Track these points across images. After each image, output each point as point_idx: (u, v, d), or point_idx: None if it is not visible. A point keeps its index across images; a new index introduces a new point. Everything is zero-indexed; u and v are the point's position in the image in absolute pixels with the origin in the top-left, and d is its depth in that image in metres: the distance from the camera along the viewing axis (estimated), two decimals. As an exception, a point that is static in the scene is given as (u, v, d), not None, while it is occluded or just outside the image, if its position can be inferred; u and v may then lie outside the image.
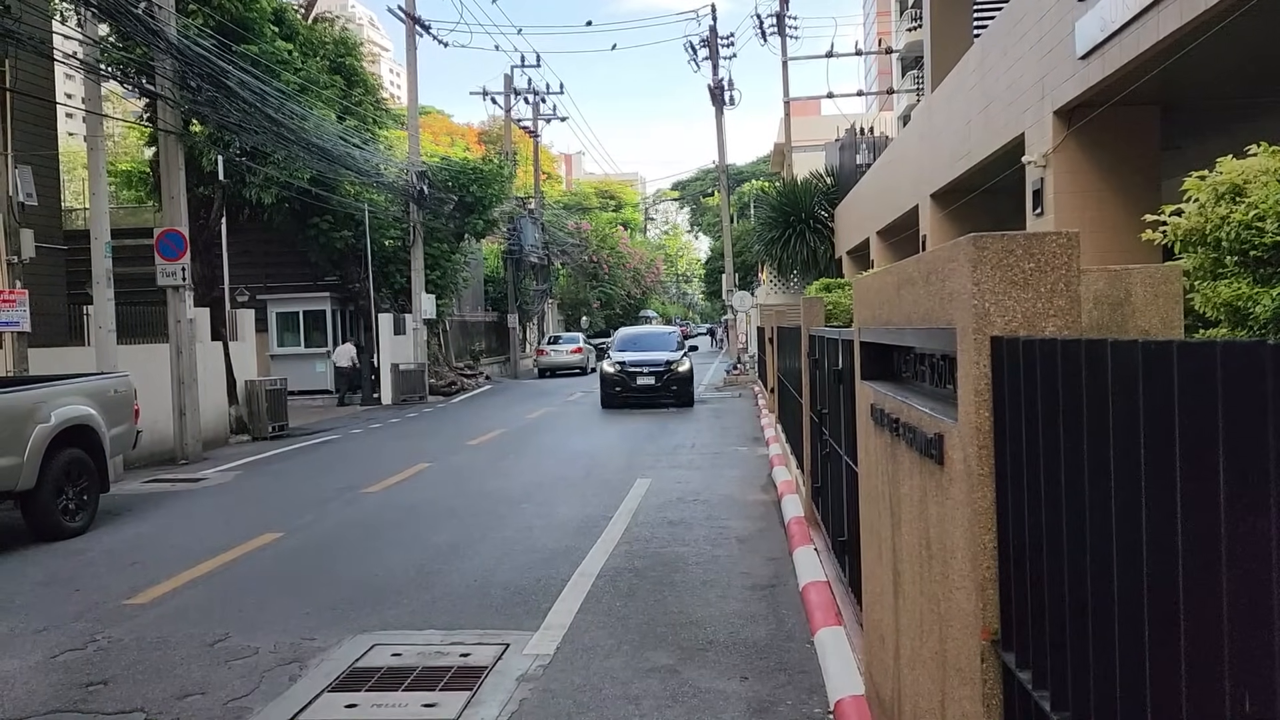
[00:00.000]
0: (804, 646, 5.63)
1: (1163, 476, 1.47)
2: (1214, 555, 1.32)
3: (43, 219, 17.52)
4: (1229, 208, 3.99)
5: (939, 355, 3.04)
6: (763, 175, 59.21)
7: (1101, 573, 1.73)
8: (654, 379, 21.00)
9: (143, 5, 14.43)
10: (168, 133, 15.32)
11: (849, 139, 29.79)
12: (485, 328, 39.39)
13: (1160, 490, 1.48)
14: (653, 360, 21.29)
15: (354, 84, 26.67)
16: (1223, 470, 1.30)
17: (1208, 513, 1.34)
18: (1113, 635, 1.68)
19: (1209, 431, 1.33)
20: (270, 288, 27.06)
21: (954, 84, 13.71)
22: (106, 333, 13.79)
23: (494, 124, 60.05)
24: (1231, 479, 1.29)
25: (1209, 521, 1.34)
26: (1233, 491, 1.29)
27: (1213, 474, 1.32)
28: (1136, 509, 1.57)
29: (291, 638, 6.05)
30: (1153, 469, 1.51)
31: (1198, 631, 1.39)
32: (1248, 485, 1.24)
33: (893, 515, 3.64)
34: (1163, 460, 1.47)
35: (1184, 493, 1.41)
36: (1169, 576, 1.46)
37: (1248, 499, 1.24)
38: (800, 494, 9.29)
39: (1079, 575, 1.85)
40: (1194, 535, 1.39)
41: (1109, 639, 1.70)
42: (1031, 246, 2.36)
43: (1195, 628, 1.39)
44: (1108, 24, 7.98)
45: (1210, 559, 1.33)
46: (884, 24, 68.15)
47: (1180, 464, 1.42)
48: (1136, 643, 1.58)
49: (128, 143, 41.16)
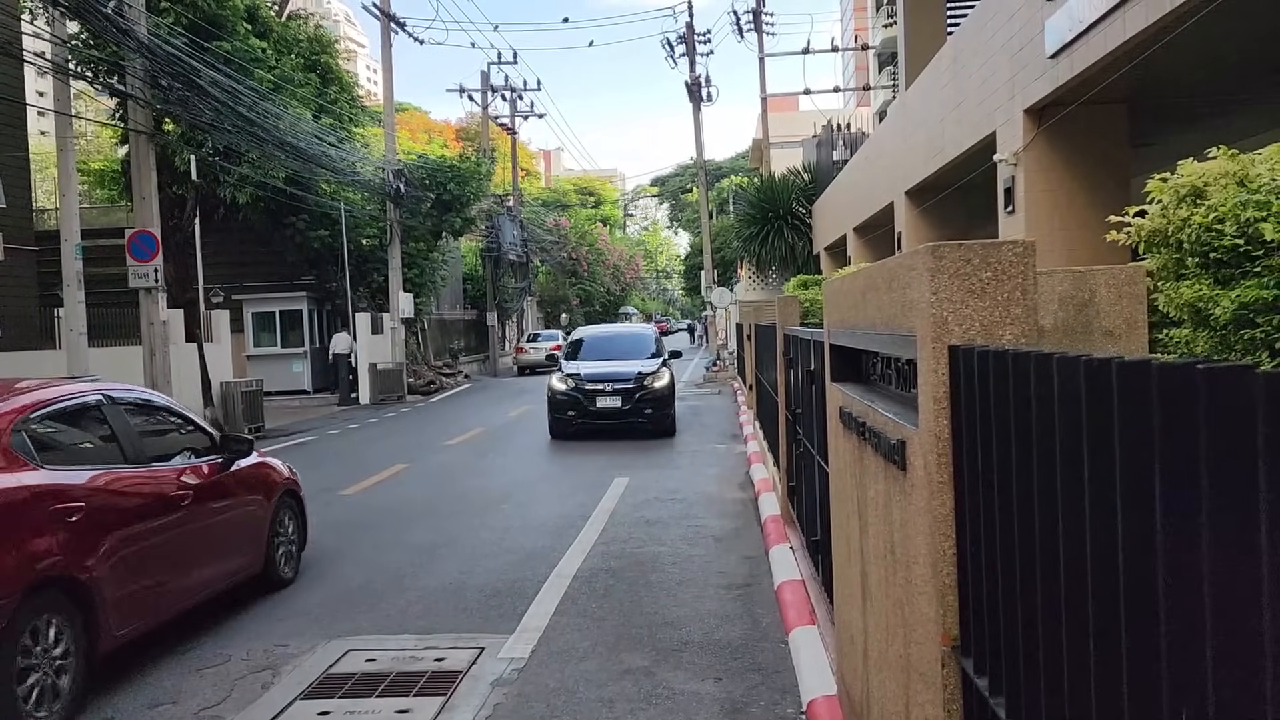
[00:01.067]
0: (778, 646, 5.66)
1: (1104, 488, 1.49)
2: (1149, 571, 1.35)
3: (12, 220, 17.35)
4: (1190, 210, 4.02)
5: (903, 360, 3.07)
6: (742, 171, 59.31)
7: (1049, 583, 1.76)
8: (620, 399, 15.38)
9: (112, 4, 14.30)
10: (139, 133, 15.19)
11: (826, 135, 29.89)
12: (464, 326, 39.28)
13: (1101, 502, 1.50)
14: (619, 373, 15.70)
15: (329, 82, 26.53)
16: (1158, 484, 1.32)
17: (1144, 526, 1.36)
18: (1060, 645, 1.70)
19: (1146, 445, 1.35)
20: (246, 288, 26.90)
21: (928, 82, 13.78)
22: (78, 335, 13.68)
23: (472, 121, 59.86)
24: (1167, 493, 1.31)
25: (1145, 535, 1.36)
26: (1168, 506, 1.31)
27: (1149, 488, 1.34)
28: (1081, 520, 1.59)
29: (264, 644, 6.03)
30: (1095, 481, 1.53)
31: (1137, 644, 1.41)
32: (1183, 499, 1.26)
33: (860, 518, 3.67)
34: (1103, 472, 1.49)
35: (1123, 504, 1.44)
36: (1110, 588, 1.48)
37: (1182, 513, 1.27)
38: (777, 492, 9.32)
39: (1030, 584, 1.87)
40: (1132, 548, 1.41)
41: (1057, 648, 1.72)
42: (989, 256, 2.38)
43: (1135, 640, 1.41)
44: (1076, 23, 8.04)
45: (1146, 574, 1.36)
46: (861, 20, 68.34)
47: (1120, 477, 1.44)
48: (1081, 653, 1.61)
49: (100, 141, 40.81)
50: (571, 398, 15.48)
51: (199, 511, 6.25)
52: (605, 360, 16.32)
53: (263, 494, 7.23)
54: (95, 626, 5.11)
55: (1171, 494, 1.29)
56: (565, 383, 15.69)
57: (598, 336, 18.62)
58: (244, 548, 6.89)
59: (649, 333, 18.65)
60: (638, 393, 15.45)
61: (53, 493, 5.00)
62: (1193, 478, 1.23)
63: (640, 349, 16.99)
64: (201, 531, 6.28)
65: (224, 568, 6.60)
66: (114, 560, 5.28)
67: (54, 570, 4.83)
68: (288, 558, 7.52)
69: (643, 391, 15.43)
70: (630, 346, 17.16)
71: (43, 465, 5.08)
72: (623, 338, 18.25)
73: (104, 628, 5.17)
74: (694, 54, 34.71)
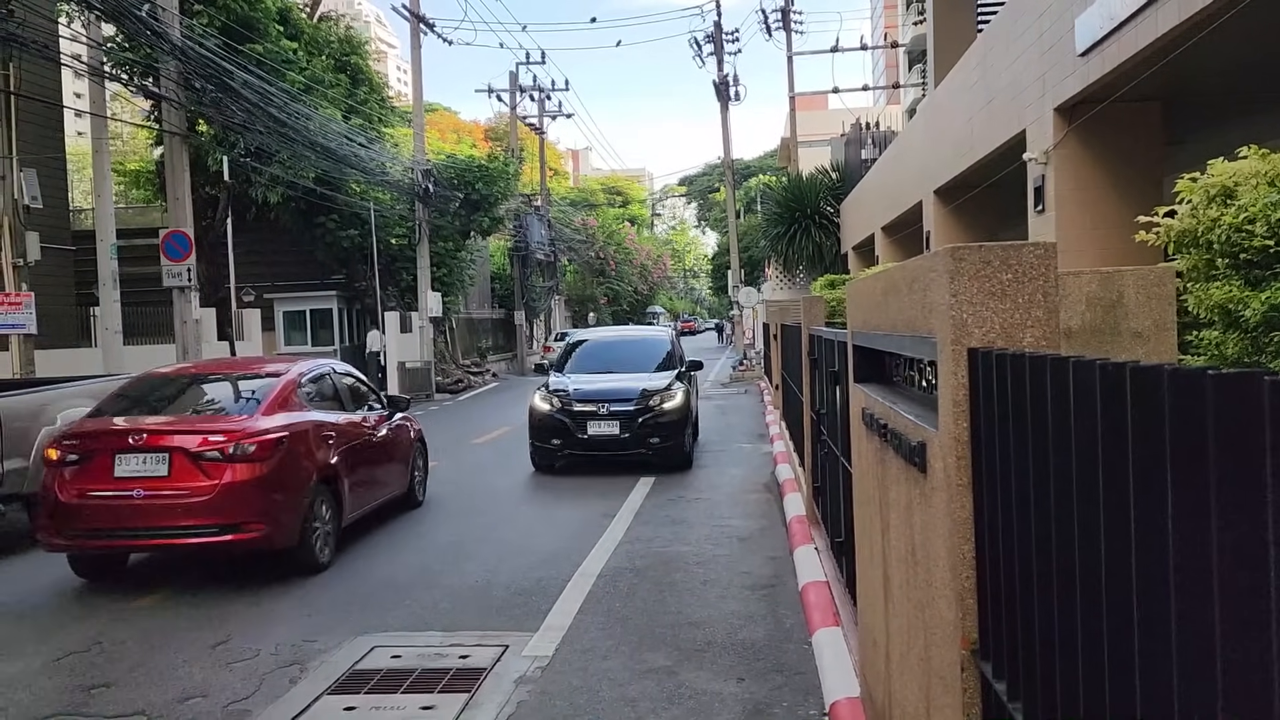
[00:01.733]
0: (802, 647, 5.65)
1: (1118, 493, 1.49)
2: (1162, 577, 1.34)
3: (50, 221, 17.64)
4: (1220, 210, 3.98)
5: (926, 361, 3.06)
6: (769, 170, 59.14)
7: (1067, 587, 1.75)
8: (618, 425, 12.20)
9: (146, 7, 14.49)
10: (173, 134, 15.39)
11: (854, 134, 29.75)
12: (492, 325, 39.45)
13: (1116, 507, 1.50)
14: (618, 391, 12.52)
15: (359, 82, 26.76)
16: (1170, 488, 1.32)
17: (1157, 531, 1.36)
18: (1077, 651, 1.70)
19: (1158, 450, 1.34)
20: (277, 287, 27.16)
21: (957, 80, 13.69)
22: (113, 334, 13.88)
23: (500, 121, 60.11)
24: (1179, 497, 1.30)
25: (1158, 538, 1.35)
26: (1179, 510, 1.30)
27: (1160, 491, 1.34)
28: (1096, 525, 1.58)
29: (293, 639, 6.09)
30: (1111, 486, 1.53)
31: (1152, 651, 1.40)
32: (1195, 503, 1.26)
33: (882, 520, 3.66)
34: (1120, 477, 1.49)
35: (1136, 509, 1.43)
36: (1125, 594, 1.47)
37: (1193, 516, 1.26)
38: (802, 492, 9.30)
39: (1047, 589, 1.86)
40: (1147, 553, 1.40)
41: (1074, 654, 1.71)
42: (1009, 258, 2.37)
43: (1149, 647, 1.41)
44: (1107, 21, 7.96)
45: (1162, 579, 1.35)
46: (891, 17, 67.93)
47: (1134, 482, 1.44)
48: (1098, 659, 1.60)
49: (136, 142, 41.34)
50: (556, 421, 12.21)
51: (382, 443, 9.38)
52: (604, 373, 13.21)
53: (407, 439, 10.14)
54: (340, 508, 8.24)
55: (1183, 499, 1.29)
56: (550, 401, 12.34)
57: (598, 342, 15.32)
58: (399, 474, 9.88)
59: (663, 338, 14.91)
60: (641, 416, 12.08)
61: (320, 425, 8.15)
62: (1203, 483, 1.23)
63: (649, 358, 13.71)
64: (384, 457, 9.46)
65: (391, 485, 9.66)
66: (348, 468, 8.39)
67: (325, 471, 7.99)
68: (421, 486, 10.61)
69: (648, 415, 12.05)
70: (637, 355, 13.91)
71: (311, 409, 8.24)
72: (629, 344, 14.84)
73: (344, 510, 8.33)
74: (721, 53, 34.66)
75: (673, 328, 16.18)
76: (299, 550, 7.55)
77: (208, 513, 7.10)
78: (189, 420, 7.80)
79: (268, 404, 7.75)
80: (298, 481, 7.55)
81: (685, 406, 12.51)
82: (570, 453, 12.30)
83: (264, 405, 7.72)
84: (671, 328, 15.36)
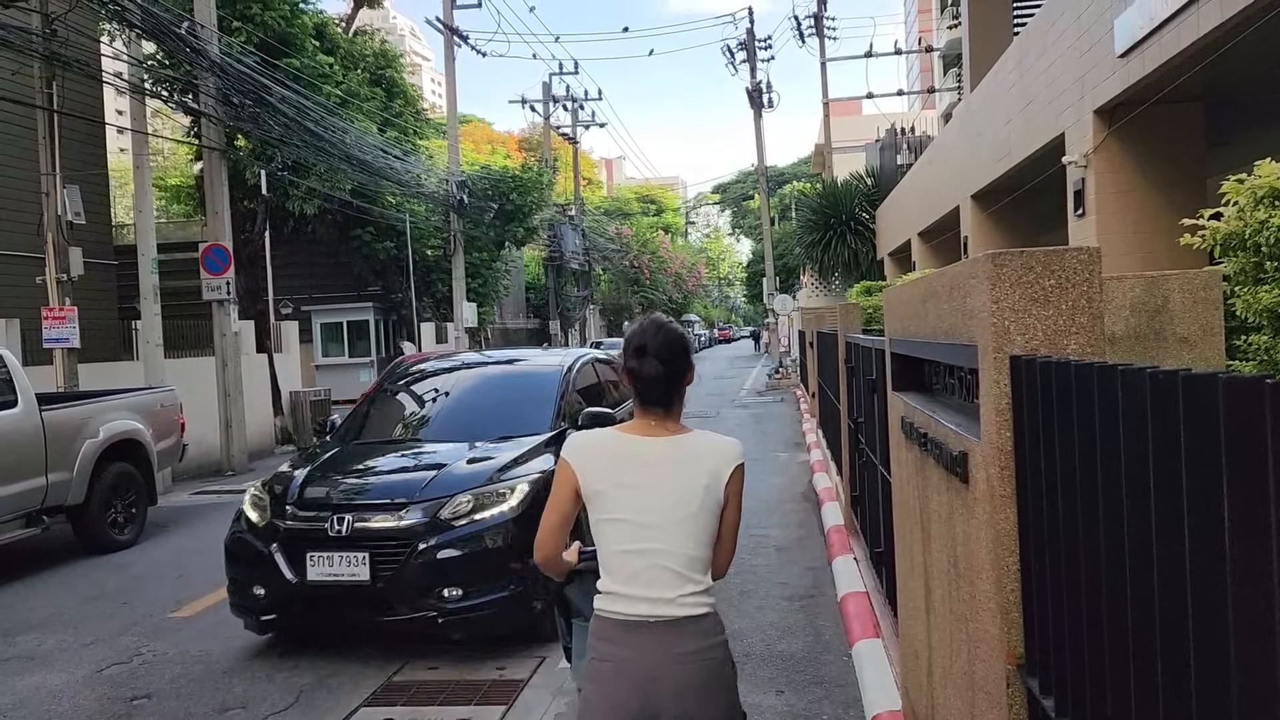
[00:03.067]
0: (842, 659, 5.58)
1: (1172, 505, 1.44)
2: (1220, 589, 1.29)
3: (92, 236, 17.93)
4: (1268, 212, 3.89)
5: (964, 369, 3.00)
6: (803, 176, 58.96)
7: (1118, 602, 1.70)
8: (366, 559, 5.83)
9: (185, 25, 14.70)
10: (211, 149, 15.59)
11: (889, 139, 29.56)
12: (527, 334, 39.59)
13: (1169, 520, 1.45)
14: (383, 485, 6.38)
15: (394, 95, 26.98)
16: (1228, 500, 1.27)
17: (1212, 542, 1.31)
18: (1128, 665, 1.64)
19: (1213, 462, 1.29)
20: (314, 299, 27.42)
21: (993, 83, 13.56)
22: (154, 347, 14.06)
23: (533, 131, 60.41)
24: (1235, 509, 1.25)
25: (1213, 551, 1.31)
26: (1236, 523, 1.25)
27: (1217, 504, 1.29)
28: (1147, 537, 1.53)
29: (330, 652, 6.10)
30: (1163, 497, 1.48)
31: (1207, 666, 1.35)
32: (1250, 516, 1.21)
33: (923, 531, 3.60)
34: (1173, 489, 1.44)
35: (1190, 521, 1.38)
36: (1179, 610, 1.42)
37: (1249, 530, 1.21)
38: (840, 501, 9.22)
39: (1097, 603, 1.81)
40: (1201, 566, 1.35)
41: (1125, 670, 1.66)
42: (1051, 263, 2.32)
43: (1204, 663, 1.36)
44: (1147, 21, 7.84)
45: (1217, 593, 1.30)
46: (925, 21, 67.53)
47: (1187, 493, 1.39)
48: (1149, 675, 1.55)
49: (177, 158, 41.98)
50: (254, 549, 6.23)
51: None
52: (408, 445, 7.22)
53: None
54: None
55: (1242, 512, 1.24)
56: (260, 506, 6.47)
57: (430, 380, 8.35)
58: None
59: (547, 373, 7.95)
60: (421, 541, 5.89)
61: None
62: (1262, 496, 1.18)
63: (506, 413, 7.36)
64: None
65: None
66: None
67: None
68: None
69: (436, 539, 5.90)
70: (489, 405, 7.63)
71: None
72: (483, 386, 8.18)
73: None
74: (754, 60, 34.61)
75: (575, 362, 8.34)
76: None
77: None
78: None
79: None
80: None
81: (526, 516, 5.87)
82: (276, 616, 6.14)
83: None
84: (568, 362, 8.18)
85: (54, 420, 9.12)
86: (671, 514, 2.62)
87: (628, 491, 2.62)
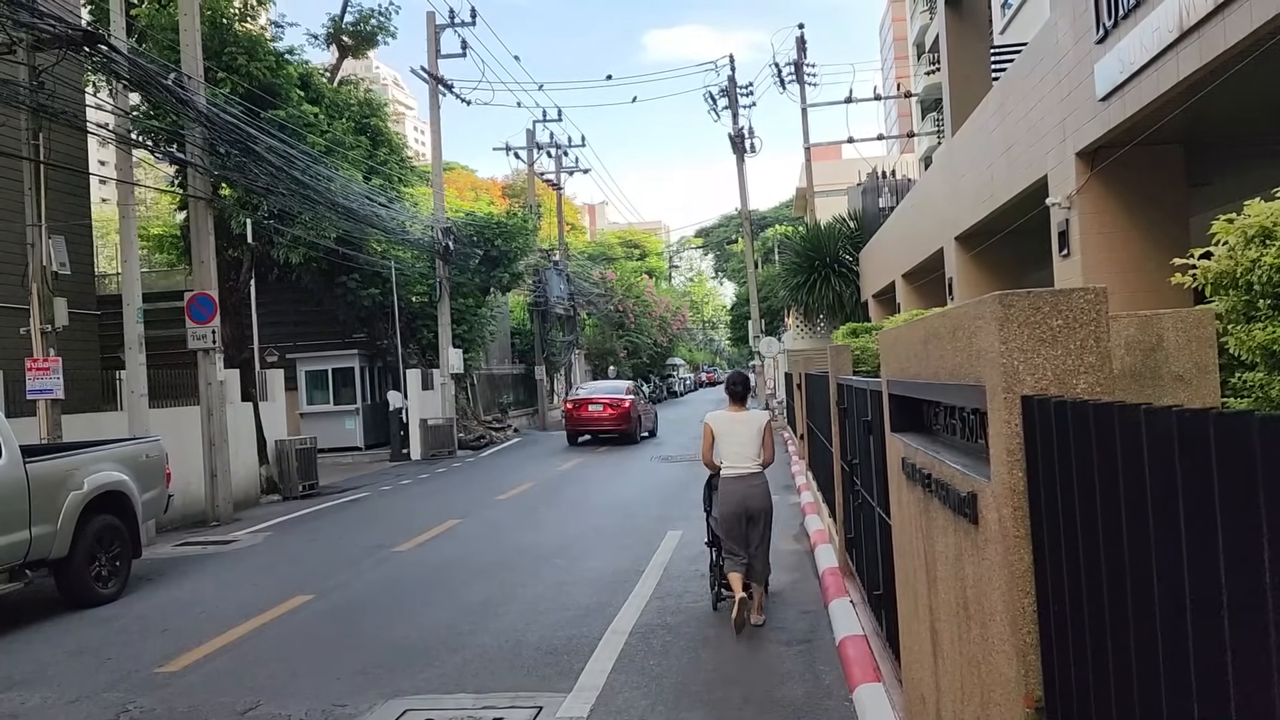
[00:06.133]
0: (843, 704, 5.52)
1: (1203, 544, 1.43)
2: (1261, 625, 1.27)
3: (75, 286, 17.84)
4: (1259, 250, 3.93)
5: (969, 409, 3.00)
6: (786, 220, 59.37)
7: (1145, 641, 1.68)
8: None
9: (172, 76, 14.77)
10: (198, 199, 15.59)
11: (871, 183, 29.85)
12: (513, 380, 39.49)
13: (1202, 559, 1.44)
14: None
15: (379, 143, 27.12)
16: (1267, 540, 1.26)
17: (1251, 583, 1.30)
18: (1160, 706, 1.62)
19: (1247, 499, 1.29)
20: (299, 346, 27.33)
21: (974, 127, 13.73)
22: (138, 397, 13.93)
23: (517, 178, 60.76)
24: (1275, 547, 1.24)
25: (1252, 593, 1.29)
26: (1275, 559, 1.24)
27: (1255, 541, 1.28)
28: (1178, 578, 1.52)
29: (323, 704, 6.00)
30: (1192, 536, 1.47)
31: (1245, 705, 1.33)
32: None
33: (928, 572, 3.58)
34: (1203, 527, 1.43)
35: (1226, 561, 1.37)
36: (1215, 649, 1.41)
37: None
38: (834, 544, 9.17)
39: (1122, 643, 1.79)
40: (1240, 608, 1.34)
41: (1155, 709, 1.64)
42: (1059, 303, 2.33)
43: (1243, 701, 1.34)
44: (1127, 66, 7.97)
45: (1257, 630, 1.29)
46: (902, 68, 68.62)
47: (1222, 533, 1.38)
48: (1180, 715, 1.53)
49: (160, 207, 41.97)
50: None
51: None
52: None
53: None
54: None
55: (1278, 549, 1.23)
56: None
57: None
58: None
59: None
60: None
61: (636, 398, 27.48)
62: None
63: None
64: None
65: None
66: None
67: None
68: None
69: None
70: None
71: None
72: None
73: None
74: (736, 107, 34.99)
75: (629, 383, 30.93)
76: None
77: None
78: None
79: None
80: None
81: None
82: None
83: None
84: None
85: (38, 472, 9.00)
86: (744, 438, 7.37)
87: (729, 432, 7.41)
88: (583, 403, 26.67)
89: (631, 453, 23.60)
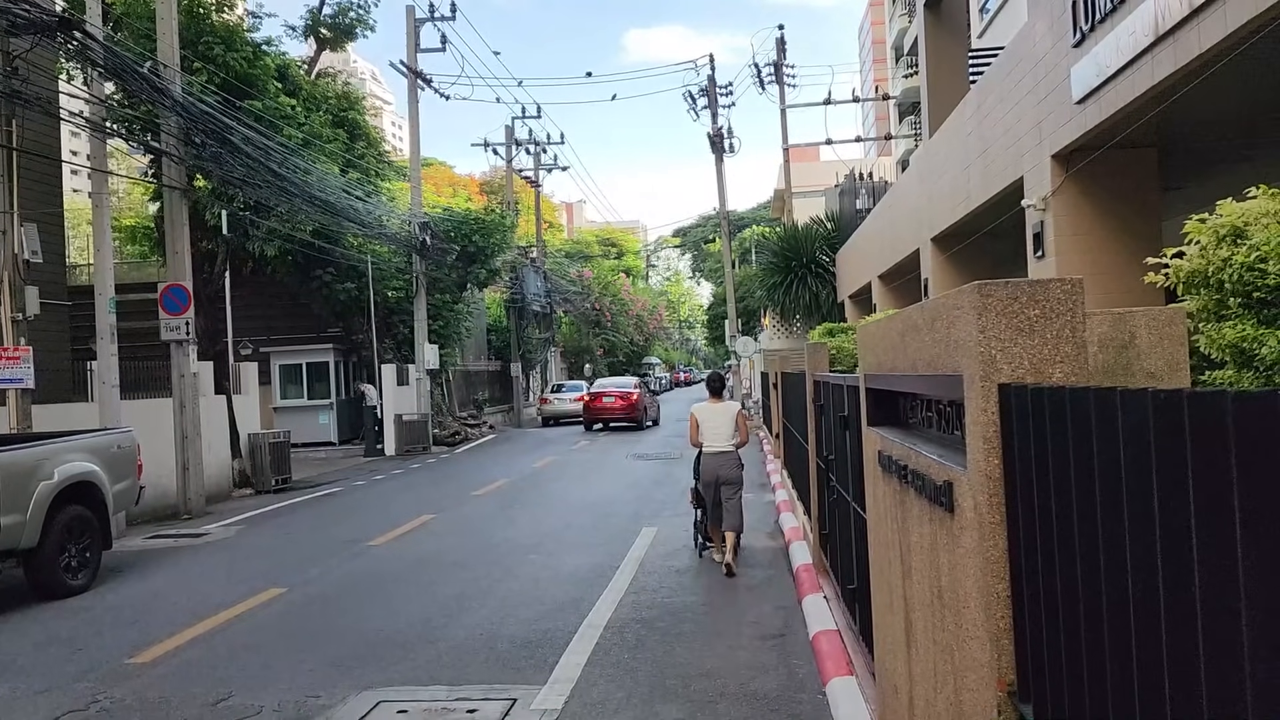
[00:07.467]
0: (816, 697, 5.55)
1: (1177, 526, 1.45)
2: (1234, 605, 1.30)
3: (47, 276, 17.62)
4: (1230, 250, 3.99)
5: (945, 401, 3.03)
6: (763, 220, 59.53)
7: (1118, 624, 1.71)
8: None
9: (148, 64, 14.63)
10: (172, 188, 15.45)
11: (849, 184, 29.99)
12: (489, 377, 39.40)
13: (1175, 541, 1.46)
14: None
15: (357, 137, 26.99)
16: (1238, 518, 1.28)
17: (1222, 565, 1.32)
18: (1131, 687, 1.65)
19: (1222, 479, 1.31)
20: (273, 340, 27.13)
21: (951, 129, 13.83)
22: (110, 388, 13.80)
23: (495, 174, 60.58)
24: (1247, 527, 1.27)
25: (1224, 575, 1.32)
26: (1247, 540, 1.27)
27: (1228, 521, 1.30)
28: (1152, 559, 1.55)
29: (295, 696, 5.98)
30: (1166, 519, 1.50)
31: (1217, 683, 1.36)
32: (1261, 533, 1.23)
33: (903, 563, 3.61)
34: (1177, 510, 1.45)
35: (1199, 542, 1.40)
36: (1188, 629, 1.43)
37: (1263, 546, 1.23)
38: (808, 540, 9.22)
39: (1095, 625, 1.82)
40: (1212, 589, 1.37)
41: (1126, 690, 1.67)
42: (1036, 294, 2.36)
43: (1215, 680, 1.37)
44: (1103, 70, 8.05)
45: (1230, 609, 1.31)
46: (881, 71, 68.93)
47: (1194, 512, 1.40)
48: (1155, 695, 1.56)
49: (132, 198, 41.55)
50: None
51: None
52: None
53: None
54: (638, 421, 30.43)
55: (1254, 531, 1.25)
56: None
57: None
58: None
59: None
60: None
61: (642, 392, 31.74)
62: (1275, 515, 1.20)
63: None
64: None
65: None
66: None
67: None
68: None
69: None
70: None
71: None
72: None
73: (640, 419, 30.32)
74: (715, 107, 35.04)
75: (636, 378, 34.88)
76: None
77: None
78: None
79: None
80: None
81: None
82: None
83: None
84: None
85: (7, 462, 8.90)
86: (719, 424, 9.47)
87: (709, 419, 9.51)
88: (598, 395, 30.84)
89: (608, 450, 23.61)
